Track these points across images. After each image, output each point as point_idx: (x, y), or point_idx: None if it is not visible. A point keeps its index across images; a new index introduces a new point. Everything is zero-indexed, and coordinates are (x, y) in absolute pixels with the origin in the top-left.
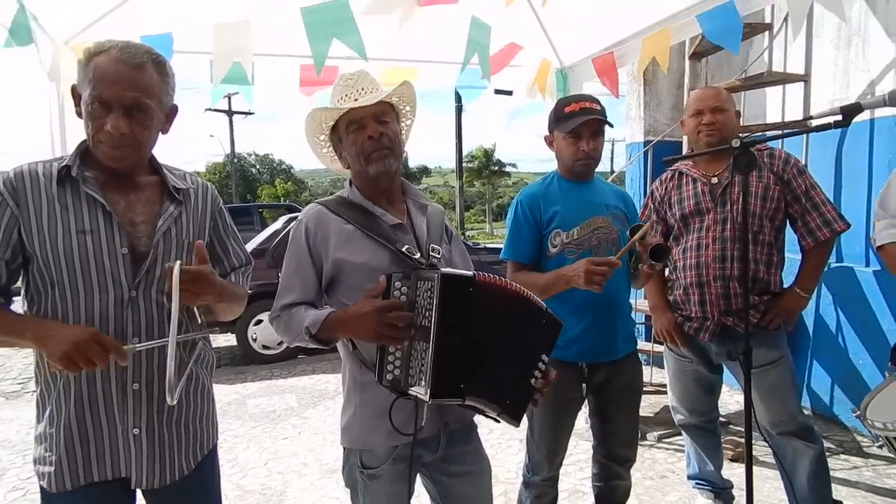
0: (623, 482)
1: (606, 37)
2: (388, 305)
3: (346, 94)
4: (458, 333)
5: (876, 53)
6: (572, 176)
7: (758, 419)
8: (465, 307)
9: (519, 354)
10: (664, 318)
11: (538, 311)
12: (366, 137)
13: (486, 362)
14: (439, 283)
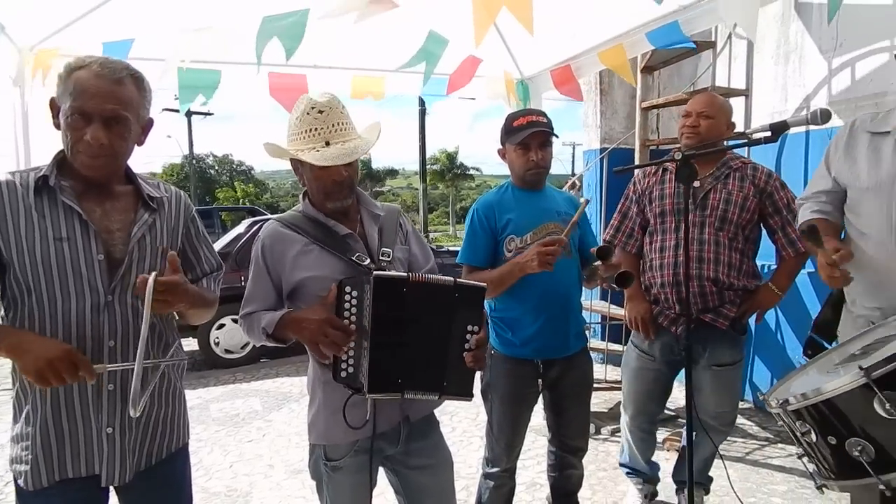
0: (576, 471)
1: (564, 51)
2: (331, 321)
3: (314, 131)
4: (392, 332)
5: (811, 69)
6: (524, 185)
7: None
8: (398, 307)
9: (447, 337)
10: (641, 307)
11: (449, 289)
12: (331, 180)
13: (420, 354)
14: (372, 286)
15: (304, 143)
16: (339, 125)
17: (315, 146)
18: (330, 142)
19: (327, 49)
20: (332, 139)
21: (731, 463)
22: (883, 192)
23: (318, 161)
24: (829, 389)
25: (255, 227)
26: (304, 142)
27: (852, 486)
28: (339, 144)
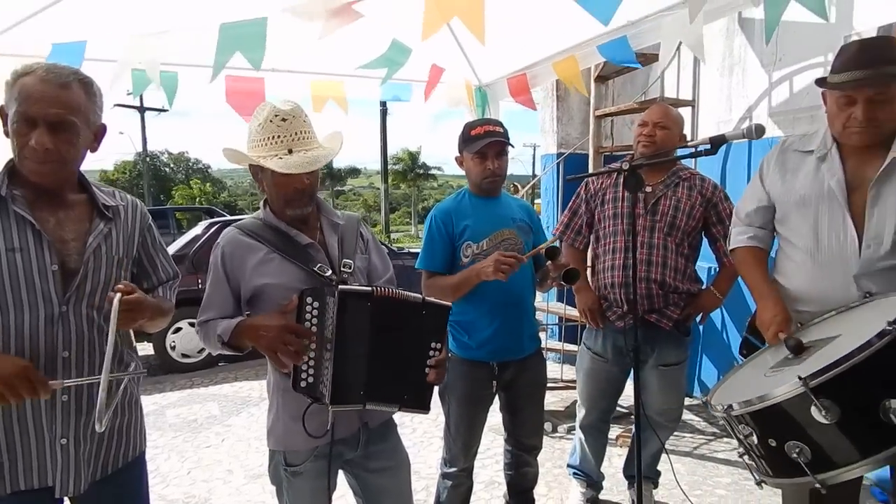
0: (531, 469)
1: (520, 60)
2: (290, 328)
3: (277, 138)
4: (357, 344)
5: (753, 82)
6: (481, 192)
7: (648, 406)
8: (362, 320)
9: (411, 352)
10: (588, 298)
11: (417, 306)
12: (292, 188)
13: (384, 366)
14: (337, 299)
15: (266, 150)
16: (302, 133)
17: (277, 153)
18: (293, 150)
19: (286, 53)
20: (295, 147)
21: (679, 457)
22: (809, 207)
23: (281, 168)
24: (771, 397)
25: (213, 228)
26: (266, 149)
27: (791, 483)
28: (301, 153)
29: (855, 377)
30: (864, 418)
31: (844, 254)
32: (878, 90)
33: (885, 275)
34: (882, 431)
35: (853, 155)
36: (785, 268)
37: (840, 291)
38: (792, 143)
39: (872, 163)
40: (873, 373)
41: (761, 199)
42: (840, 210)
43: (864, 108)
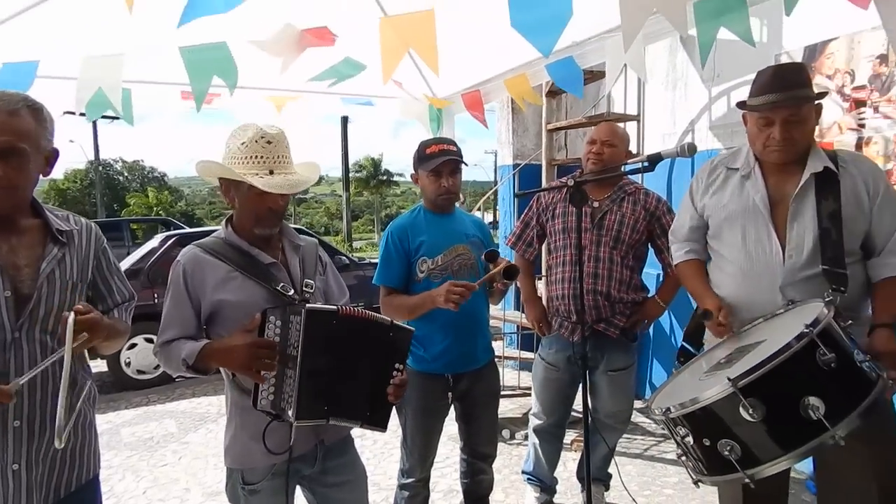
0: (486, 476)
1: (472, 76)
2: (259, 343)
3: (260, 158)
4: (322, 362)
5: (695, 96)
6: (436, 209)
7: (599, 410)
8: (328, 337)
9: (375, 370)
10: (536, 309)
11: (385, 328)
12: (266, 207)
13: (348, 383)
14: (304, 318)
15: (247, 168)
16: (283, 158)
17: (259, 172)
18: (274, 171)
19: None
20: (276, 169)
21: (631, 459)
22: (737, 221)
23: (265, 187)
24: (704, 399)
25: (170, 241)
26: (247, 167)
27: (723, 480)
28: (283, 175)
29: (777, 377)
30: (786, 415)
31: (770, 265)
32: (792, 111)
33: (806, 283)
34: (803, 427)
35: (774, 172)
36: (717, 279)
37: (767, 300)
38: (721, 161)
39: (791, 179)
40: (793, 372)
41: (693, 216)
42: (765, 224)
43: (781, 128)
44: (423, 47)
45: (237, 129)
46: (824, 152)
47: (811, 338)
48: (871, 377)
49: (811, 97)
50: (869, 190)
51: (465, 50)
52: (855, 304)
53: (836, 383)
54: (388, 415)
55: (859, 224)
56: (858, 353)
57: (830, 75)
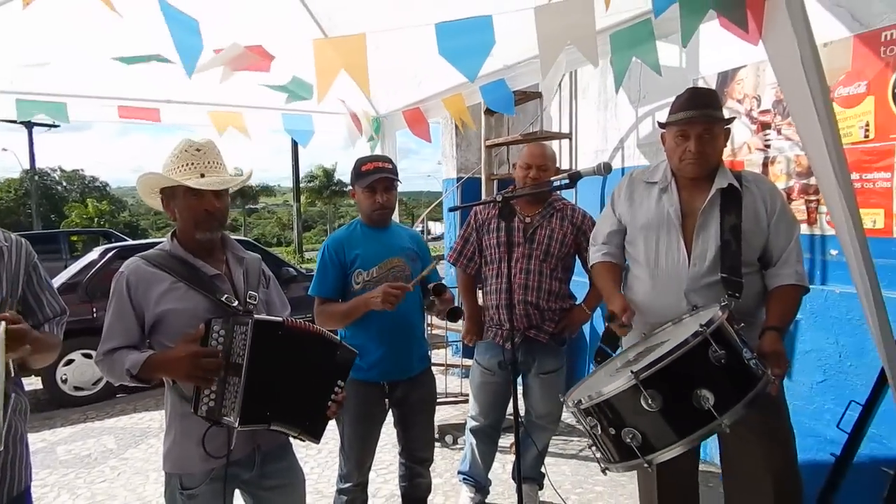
0: (424, 480)
1: (413, 94)
2: (203, 352)
3: (191, 164)
4: (266, 370)
5: (624, 116)
6: (372, 223)
7: (532, 411)
8: (273, 348)
9: (318, 383)
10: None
11: (333, 345)
12: (203, 209)
13: (290, 392)
14: (252, 328)
15: (179, 175)
16: (215, 163)
17: (191, 177)
18: (205, 174)
19: (181, 83)
20: (208, 173)
21: (566, 459)
22: (651, 231)
23: (195, 184)
24: (609, 391)
25: (110, 254)
26: (179, 174)
27: (626, 466)
28: (214, 176)
29: (674, 371)
30: (681, 405)
31: (677, 271)
32: (706, 128)
33: (707, 289)
34: (695, 415)
35: (686, 187)
36: (631, 284)
37: (673, 303)
38: (640, 175)
39: (700, 195)
40: (688, 367)
41: (613, 223)
42: (675, 234)
43: (696, 142)
44: (354, 69)
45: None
46: (730, 172)
47: (705, 336)
48: (757, 373)
49: (722, 118)
50: (767, 208)
51: (406, 69)
52: (751, 309)
53: (726, 378)
54: (324, 427)
55: (757, 238)
56: (747, 352)
57: (740, 100)
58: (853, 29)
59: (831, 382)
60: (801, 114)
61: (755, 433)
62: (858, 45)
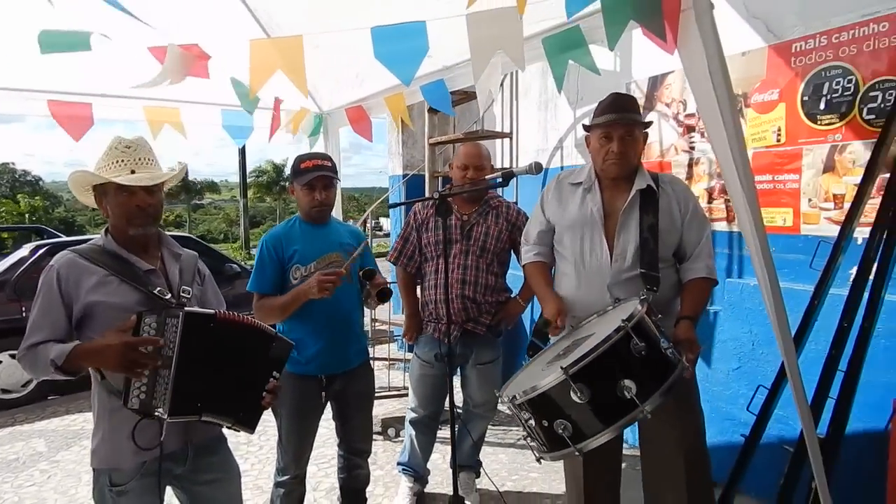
0: (363, 471)
1: (356, 92)
2: (136, 342)
3: (121, 161)
4: (197, 362)
5: (563, 116)
6: (310, 219)
7: (470, 400)
8: (205, 339)
9: (252, 374)
10: (413, 322)
11: (269, 338)
12: (134, 205)
13: (222, 384)
14: (183, 320)
15: (109, 172)
16: (145, 159)
17: (120, 174)
18: (136, 171)
19: (115, 77)
20: (138, 169)
21: (504, 448)
22: (577, 229)
23: (124, 181)
24: (542, 386)
25: (41, 251)
26: (109, 171)
27: (559, 455)
28: (144, 173)
29: (600, 365)
30: (607, 396)
31: (601, 267)
32: (627, 130)
33: (627, 284)
34: (620, 405)
35: (609, 188)
36: (560, 280)
37: (598, 297)
38: (566, 177)
39: (621, 195)
40: (612, 360)
41: (542, 223)
42: (599, 232)
43: (618, 143)
44: (291, 70)
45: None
46: (648, 174)
47: (626, 330)
48: (674, 361)
49: (641, 122)
50: (681, 208)
51: (348, 68)
52: (667, 300)
53: (646, 368)
54: (258, 418)
55: (672, 235)
56: (664, 342)
57: (668, 104)
58: (768, 39)
59: (745, 369)
60: (710, 120)
61: (669, 416)
62: (772, 55)
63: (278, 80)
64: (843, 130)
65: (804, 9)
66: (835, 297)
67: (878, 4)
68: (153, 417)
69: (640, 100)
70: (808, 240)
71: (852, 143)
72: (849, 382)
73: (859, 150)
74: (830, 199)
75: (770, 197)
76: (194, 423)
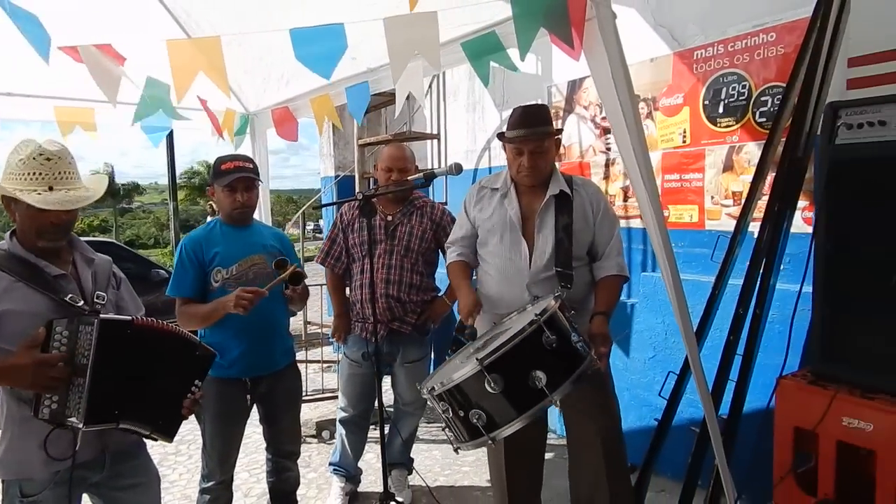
0: (292, 473)
1: (282, 93)
2: (46, 360)
3: (38, 175)
4: (114, 369)
5: (490, 118)
6: (232, 222)
7: (399, 399)
8: (121, 347)
9: (172, 382)
10: (341, 323)
11: (192, 345)
12: (48, 222)
13: (141, 391)
14: (97, 328)
15: (24, 185)
16: (65, 174)
17: (37, 189)
18: (53, 187)
19: (23, 75)
20: (56, 185)
21: (437, 444)
22: (496, 232)
23: (40, 203)
24: (458, 377)
25: None
26: (25, 183)
27: (474, 444)
28: (63, 191)
29: (513, 356)
30: (519, 386)
31: (520, 267)
32: (536, 144)
33: (545, 282)
34: (531, 394)
35: (525, 192)
36: (483, 280)
37: (518, 295)
38: (487, 182)
39: (537, 199)
40: (525, 351)
41: (466, 226)
42: (517, 235)
43: (529, 157)
44: (212, 71)
45: (20, 143)
46: (562, 177)
47: (539, 324)
48: (583, 354)
49: (551, 132)
50: (593, 208)
51: (274, 68)
52: (582, 297)
53: (556, 359)
54: (178, 426)
55: (585, 235)
56: (575, 336)
57: (586, 106)
58: (673, 47)
59: (659, 357)
60: (615, 123)
61: (587, 406)
62: (677, 62)
63: (202, 80)
64: (739, 132)
65: (704, 19)
66: (734, 287)
67: (766, 16)
68: (66, 427)
69: (560, 102)
70: (711, 234)
71: (747, 144)
72: (745, 366)
73: (753, 150)
74: (730, 197)
75: (678, 195)
76: (110, 430)
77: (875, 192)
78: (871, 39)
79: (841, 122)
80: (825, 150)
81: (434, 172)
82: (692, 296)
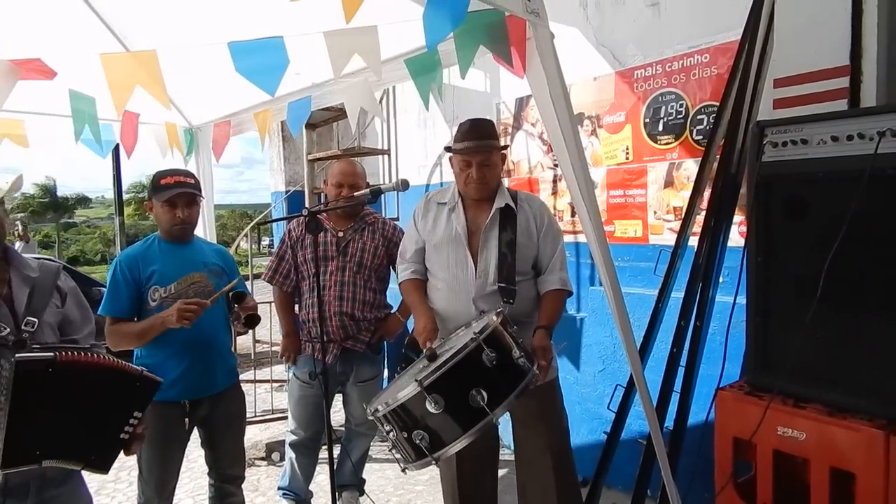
0: (236, 498)
1: (226, 107)
2: None
3: None
4: (34, 410)
5: (441, 133)
6: (171, 238)
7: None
8: (41, 386)
9: (106, 416)
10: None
11: (129, 377)
12: None
13: (68, 428)
14: (12, 368)
15: None
16: None
17: None
18: None
19: None
20: None
21: (391, 464)
22: (443, 247)
23: None
24: (400, 397)
25: None
26: None
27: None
28: None
29: (453, 375)
30: (460, 405)
31: (466, 282)
32: (484, 157)
33: (490, 297)
34: (473, 412)
35: (472, 207)
36: (432, 294)
37: (465, 310)
38: (434, 196)
39: (483, 214)
40: (465, 370)
41: (416, 241)
42: (463, 249)
43: (477, 169)
44: (150, 85)
45: None
46: (508, 192)
47: (478, 342)
48: (525, 369)
49: (498, 147)
50: (537, 223)
51: (217, 81)
52: (527, 311)
53: (497, 376)
54: (113, 459)
55: (529, 250)
56: (516, 351)
57: (533, 123)
58: (614, 66)
59: (609, 370)
60: (555, 140)
61: (535, 421)
62: (619, 81)
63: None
64: (678, 149)
65: (642, 39)
66: (676, 300)
67: (700, 38)
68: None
69: (508, 119)
70: (654, 249)
71: (686, 160)
72: (688, 377)
73: (692, 166)
74: (671, 212)
75: (623, 210)
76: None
77: (798, 207)
78: (795, 62)
79: (767, 141)
80: (753, 166)
81: (380, 188)
82: (638, 309)
